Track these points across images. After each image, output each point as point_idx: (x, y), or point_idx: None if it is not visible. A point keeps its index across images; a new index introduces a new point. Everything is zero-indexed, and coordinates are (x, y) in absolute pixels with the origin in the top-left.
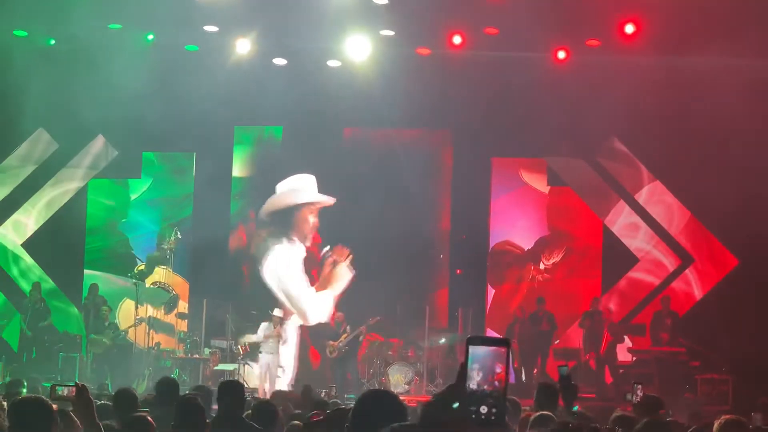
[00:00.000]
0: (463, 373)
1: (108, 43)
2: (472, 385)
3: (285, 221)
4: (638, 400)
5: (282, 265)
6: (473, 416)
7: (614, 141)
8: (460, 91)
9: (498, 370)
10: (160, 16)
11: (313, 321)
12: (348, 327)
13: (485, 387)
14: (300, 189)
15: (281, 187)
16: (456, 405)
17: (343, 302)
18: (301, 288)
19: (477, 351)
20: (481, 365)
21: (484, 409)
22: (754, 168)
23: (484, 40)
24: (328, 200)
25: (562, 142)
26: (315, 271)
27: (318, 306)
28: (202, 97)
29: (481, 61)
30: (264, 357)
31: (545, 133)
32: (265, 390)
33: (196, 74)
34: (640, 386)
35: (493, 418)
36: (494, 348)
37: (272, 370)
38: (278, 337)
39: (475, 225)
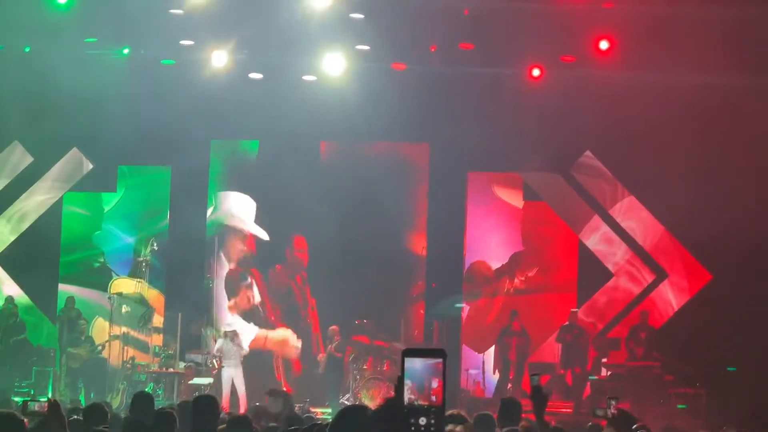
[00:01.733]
0: (400, 387)
1: (83, 56)
2: (409, 397)
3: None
4: (613, 414)
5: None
6: (412, 428)
7: (588, 156)
8: (437, 105)
9: (434, 384)
10: (135, 30)
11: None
12: (338, 340)
13: (421, 401)
14: (238, 214)
15: (224, 202)
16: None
17: (324, 315)
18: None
19: (413, 364)
20: (416, 378)
21: (422, 421)
22: (728, 183)
23: (460, 55)
24: (263, 234)
25: (537, 156)
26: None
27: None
28: (179, 111)
29: (457, 76)
30: (227, 371)
31: (520, 147)
32: (237, 403)
33: (172, 88)
34: (614, 401)
35: (432, 429)
36: (430, 361)
37: (236, 382)
38: (239, 349)
39: (451, 239)
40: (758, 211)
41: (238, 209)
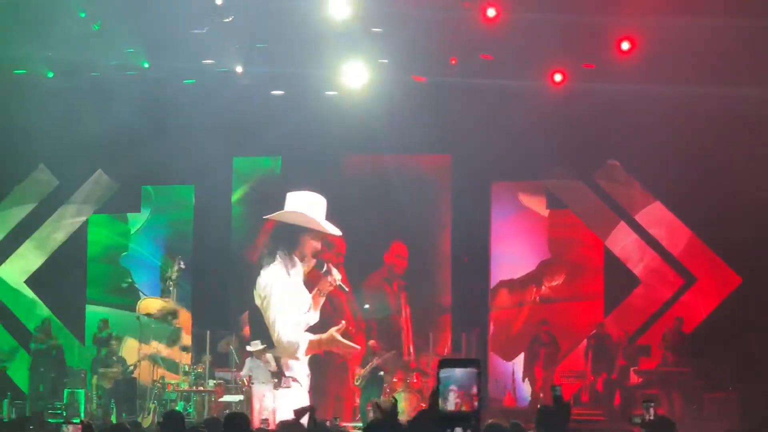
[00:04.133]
0: (435, 397)
1: (105, 77)
2: (448, 407)
3: (288, 238)
4: (650, 419)
5: (278, 284)
6: None
7: (613, 163)
8: (458, 116)
9: (473, 391)
10: (156, 50)
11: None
12: (378, 355)
13: (462, 408)
14: (310, 210)
15: (292, 201)
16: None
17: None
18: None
19: (449, 374)
20: (455, 387)
21: (458, 431)
22: (755, 185)
23: (480, 65)
24: (335, 231)
25: (561, 164)
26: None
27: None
28: (201, 130)
29: (478, 86)
30: (257, 387)
31: (543, 155)
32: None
33: (194, 107)
34: (652, 405)
35: None
36: (466, 369)
37: (266, 399)
38: (266, 365)
39: (476, 249)
40: None
41: (310, 207)
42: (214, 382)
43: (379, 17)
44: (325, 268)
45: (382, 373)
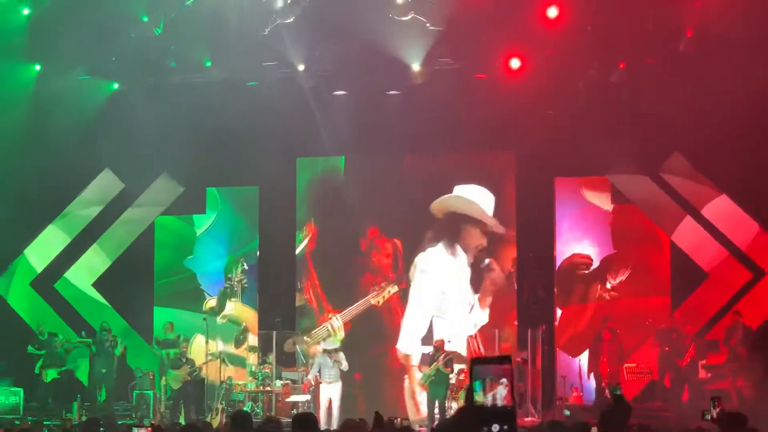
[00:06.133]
0: (470, 394)
1: (168, 81)
2: (484, 401)
3: (454, 228)
4: (716, 416)
5: (445, 271)
6: None
7: (677, 156)
8: (521, 112)
9: (504, 389)
10: (219, 54)
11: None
12: (444, 354)
13: (497, 403)
14: (480, 202)
15: (461, 191)
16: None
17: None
18: (463, 300)
19: (482, 370)
20: (486, 384)
21: (495, 428)
22: None
23: (542, 61)
24: (500, 228)
25: (625, 159)
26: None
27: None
28: (264, 131)
29: (540, 82)
30: (324, 387)
31: (607, 151)
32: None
33: (257, 108)
34: (717, 401)
35: None
36: (498, 366)
37: (333, 399)
38: (337, 364)
39: (541, 245)
40: None
41: (480, 200)
42: (282, 382)
43: (439, 15)
44: (486, 263)
45: (446, 370)
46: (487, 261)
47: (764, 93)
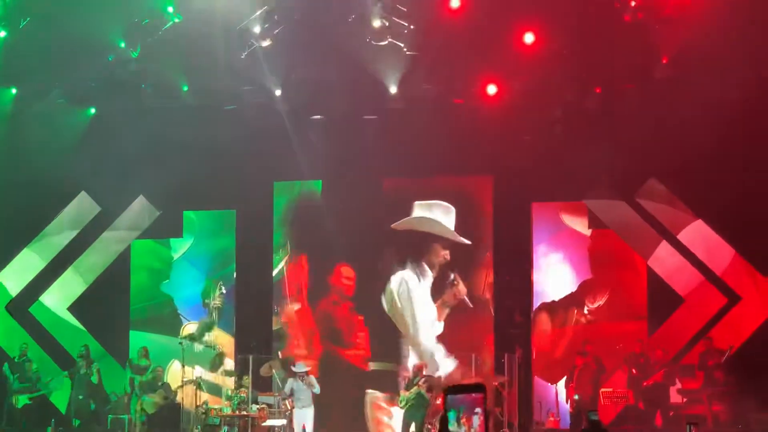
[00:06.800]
0: (444, 422)
1: (145, 105)
2: (456, 430)
3: (417, 246)
4: None
5: (414, 291)
6: None
7: (653, 181)
8: (498, 138)
9: (478, 419)
10: (196, 79)
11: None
12: (423, 378)
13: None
14: (440, 219)
15: (420, 209)
16: None
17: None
18: (429, 320)
19: (456, 400)
20: (460, 413)
21: None
22: None
23: (519, 86)
24: (465, 240)
25: (601, 184)
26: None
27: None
28: (241, 155)
29: (517, 108)
30: (298, 412)
31: (584, 176)
32: None
33: (234, 132)
34: (693, 426)
35: None
36: (471, 395)
37: (306, 424)
38: (309, 388)
39: (519, 270)
40: None
41: (441, 217)
42: (257, 406)
43: (415, 40)
44: (451, 278)
45: (427, 394)
46: (452, 276)
47: (739, 119)
